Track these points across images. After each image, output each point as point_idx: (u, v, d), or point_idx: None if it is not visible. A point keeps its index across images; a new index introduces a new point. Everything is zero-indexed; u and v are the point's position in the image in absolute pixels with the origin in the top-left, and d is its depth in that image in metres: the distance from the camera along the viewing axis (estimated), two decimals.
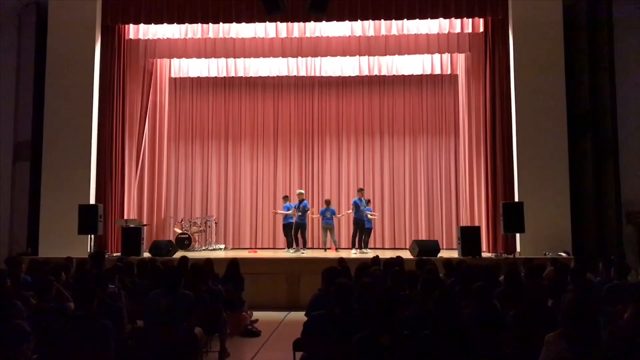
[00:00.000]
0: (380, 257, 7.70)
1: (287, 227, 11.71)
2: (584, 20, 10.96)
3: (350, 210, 11.66)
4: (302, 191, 12.00)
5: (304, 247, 11.53)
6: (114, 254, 10.27)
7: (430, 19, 10.98)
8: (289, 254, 11.22)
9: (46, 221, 10.50)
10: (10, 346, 3.25)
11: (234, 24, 11.24)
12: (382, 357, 3.33)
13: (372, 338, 3.38)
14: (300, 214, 11.45)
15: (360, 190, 11.73)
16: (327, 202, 12.16)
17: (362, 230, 11.41)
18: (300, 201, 11.56)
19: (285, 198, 12.08)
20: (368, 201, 11.85)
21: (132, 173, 11.71)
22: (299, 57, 12.44)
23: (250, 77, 13.06)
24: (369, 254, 10.35)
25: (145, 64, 12.14)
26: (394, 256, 7.44)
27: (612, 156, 10.28)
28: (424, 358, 3.40)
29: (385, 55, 12.09)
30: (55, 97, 10.78)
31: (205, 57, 12.26)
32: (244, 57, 12.32)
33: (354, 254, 11.02)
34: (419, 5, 10.71)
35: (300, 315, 4.90)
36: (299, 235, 11.55)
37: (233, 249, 13.06)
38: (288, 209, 11.69)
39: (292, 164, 13.62)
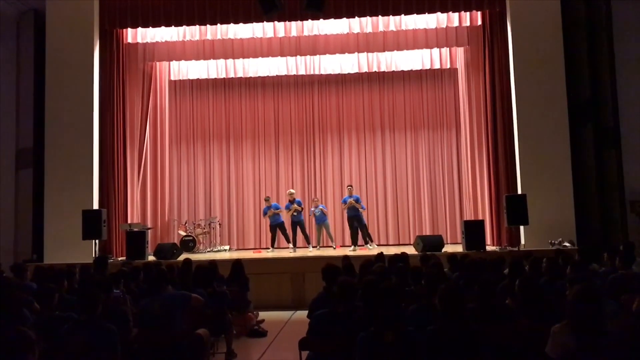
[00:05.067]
0: (384, 253, 7.70)
1: (276, 227, 11.72)
2: (583, 10, 10.91)
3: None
4: (293, 190, 12.07)
5: (308, 244, 11.57)
6: (119, 258, 10.30)
7: (428, 13, 10.96)
8: (292, 253, 11.13)
9: (50, 227, 10.53)
10: (16, 354, 3.25)
11: (232, 24, 11.25)
12: (387, 353, 3.33)
13: (376, 335, 3.38)
14: (295, 213, 11.49)
15: (349, 187, 11.82)
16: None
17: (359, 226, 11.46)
18: (292, 201, 11.59)
19: (267, 199, 12.04)
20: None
21: (134, 177, 11.72)
22: (298, 56, 12.43)
23: (250, 77, 13.06)
24: (357, 250, 10.82)
25: (145, 67, 12.14)
26: (399, 252, 7.43)
27: (614, 145, 10.25)
28: (429, 354, 3.40)
29: (384, 51, 12.11)
30: (55, 103, 10.81)
31: (204, 59, 12.28)
32: (243, 58, 12.32)
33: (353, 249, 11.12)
34: (415, 0, 10.69)
35: (306, 314, 4.90)
36: (300, 233, 11.60)
37: (237, 249, 13.05)
38: (277, 208, 11.68)
39: (294, 163, 13.59)
